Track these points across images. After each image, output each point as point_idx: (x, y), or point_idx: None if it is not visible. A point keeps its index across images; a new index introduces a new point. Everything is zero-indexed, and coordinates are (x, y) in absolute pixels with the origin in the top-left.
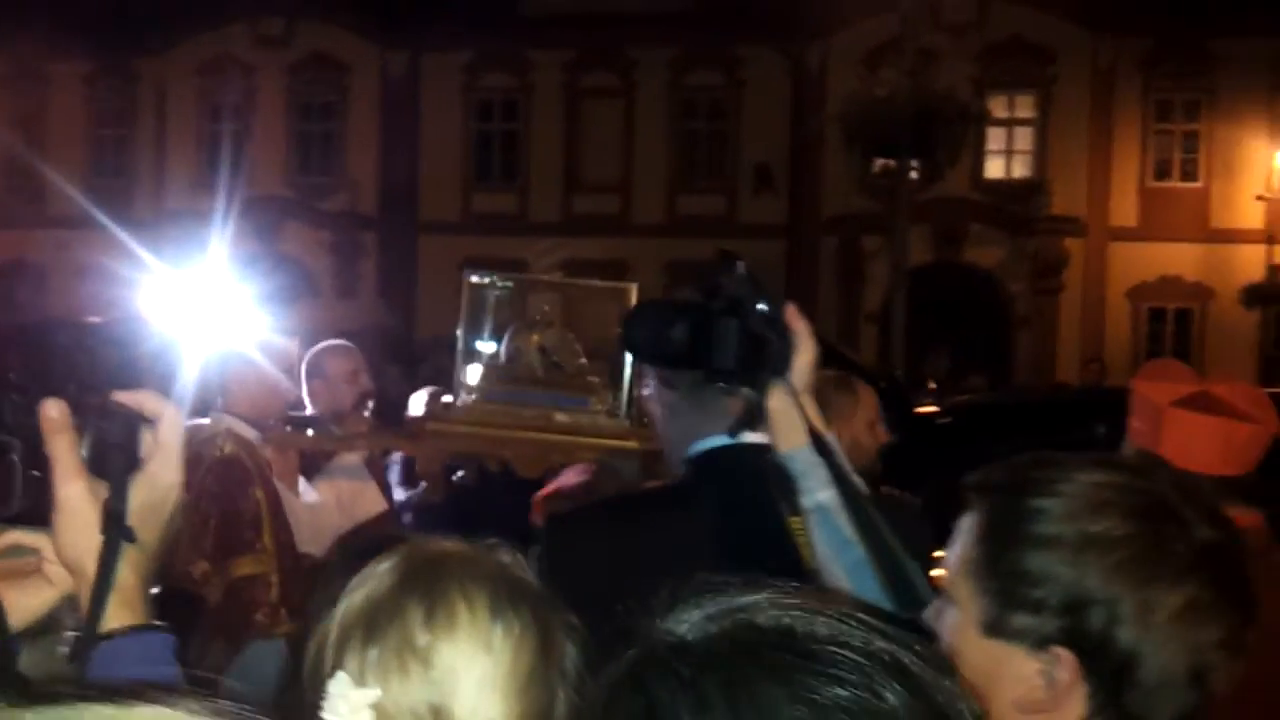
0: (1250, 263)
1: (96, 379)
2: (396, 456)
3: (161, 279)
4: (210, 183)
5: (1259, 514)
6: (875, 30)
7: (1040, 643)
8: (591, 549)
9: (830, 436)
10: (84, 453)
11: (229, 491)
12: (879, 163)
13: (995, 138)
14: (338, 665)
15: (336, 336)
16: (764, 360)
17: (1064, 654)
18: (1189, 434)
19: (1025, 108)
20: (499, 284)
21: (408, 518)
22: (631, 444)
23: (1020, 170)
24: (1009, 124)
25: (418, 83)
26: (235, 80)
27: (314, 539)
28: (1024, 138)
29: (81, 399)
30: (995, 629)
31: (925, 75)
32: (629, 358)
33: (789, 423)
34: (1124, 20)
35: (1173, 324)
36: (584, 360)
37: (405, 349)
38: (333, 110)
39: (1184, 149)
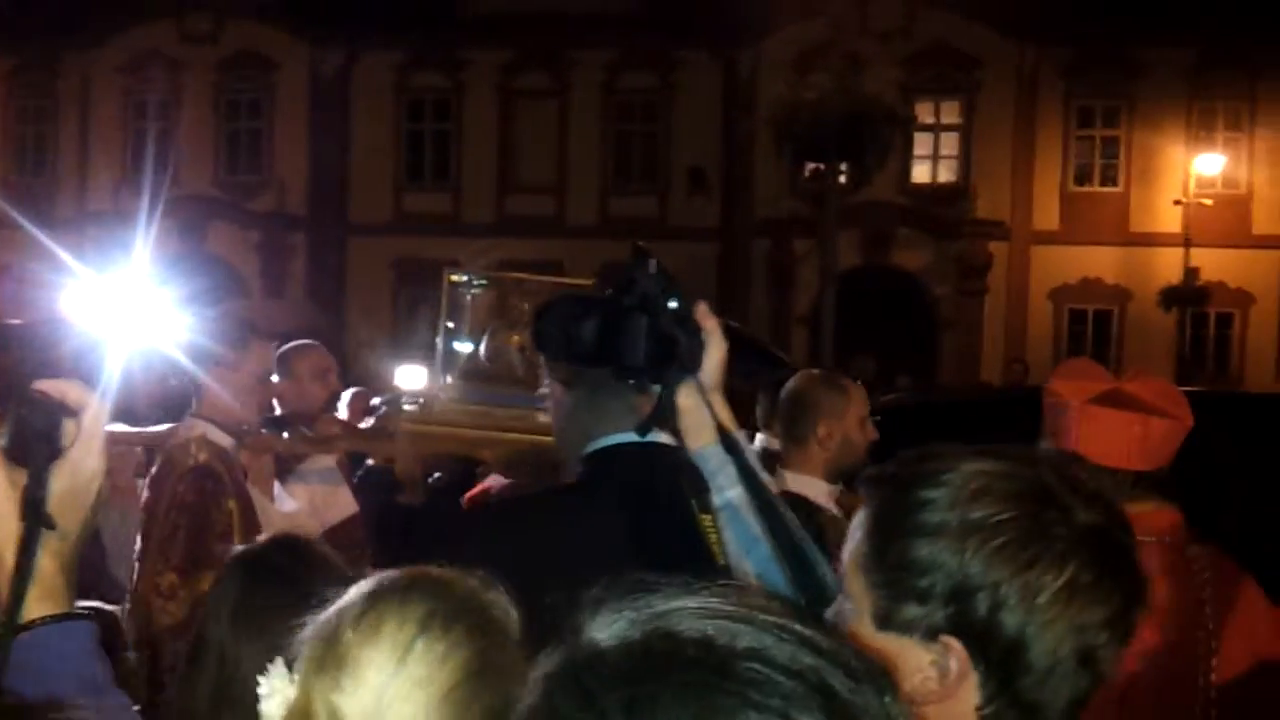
0: (1168, 266)
1: (15, 380)
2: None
3: (83, 280)
4: (134, 182)
5: (1176, 508)
6: (805, 35)
7: (930, 633)
8: (496, 550)
9: (739, 434)
10: (3, 441)
11: (201, 502)
12: (809, 166)
13: (922, 143)
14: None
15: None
16: (673, 358)
17: (953, 643)
18: (1105, 430)
19: (951, 113)
20: (476, 283)
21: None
22: None
23: (946, 175)
24: (935, 129)
25: (349, 81)
26: (161, 77)
27: None
28: (950, 143)
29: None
30: (887, 622)
31: (854, 80)
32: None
33: (698, 421)
34: (1047, 29)
35: (1093, 325)
36: None
37: (336, 350)
38: (261, 109)
39: (1104, 154)
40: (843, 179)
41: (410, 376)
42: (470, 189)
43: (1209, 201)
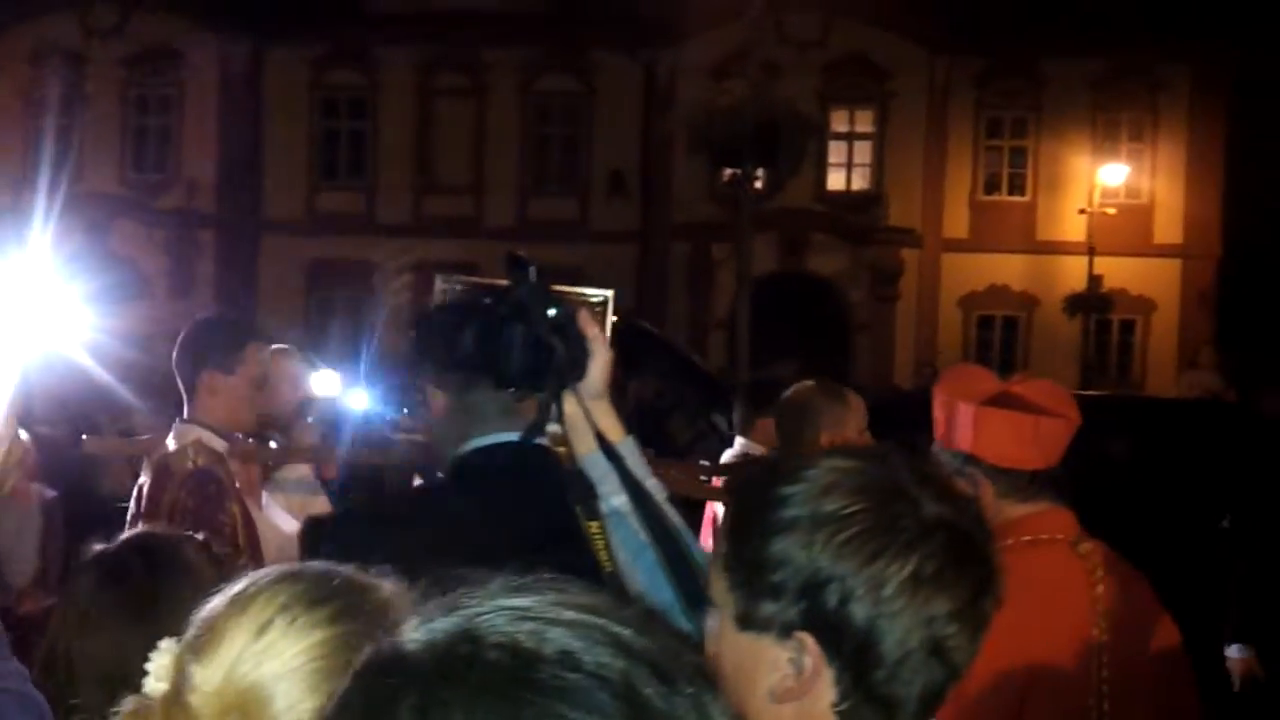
0: (1073, 273)
1: None
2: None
3: None
4: (35, 180)
5: (1069, 506)
6: (723, 41)
7: (785, 629)
8: (358, 552)
9: (626, 441)
10: None
11: (205, 508)
12: (726, 171)
13: (836, 151)
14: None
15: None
16: (549, 367)
17: (807, 638)
18: (999, 431)
19: (865, 122)
20: (465, 287)
21: None
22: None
23: (860, 183)
24: (849, 138)
25: (260, 77)
26: (62, 71)
27: (279, 557)
28: (863, 151)
29: None
30: (746, 621)
31: (770, 87)
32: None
33: (579, 429)
34: (959, 41)
35: (1001, 331)
36: None
37: None
38: (169, 104)
39: (1012, 164)
40: (759, 184)
41: (325, 383)
42: (386, 188)
43: (1112, 211)
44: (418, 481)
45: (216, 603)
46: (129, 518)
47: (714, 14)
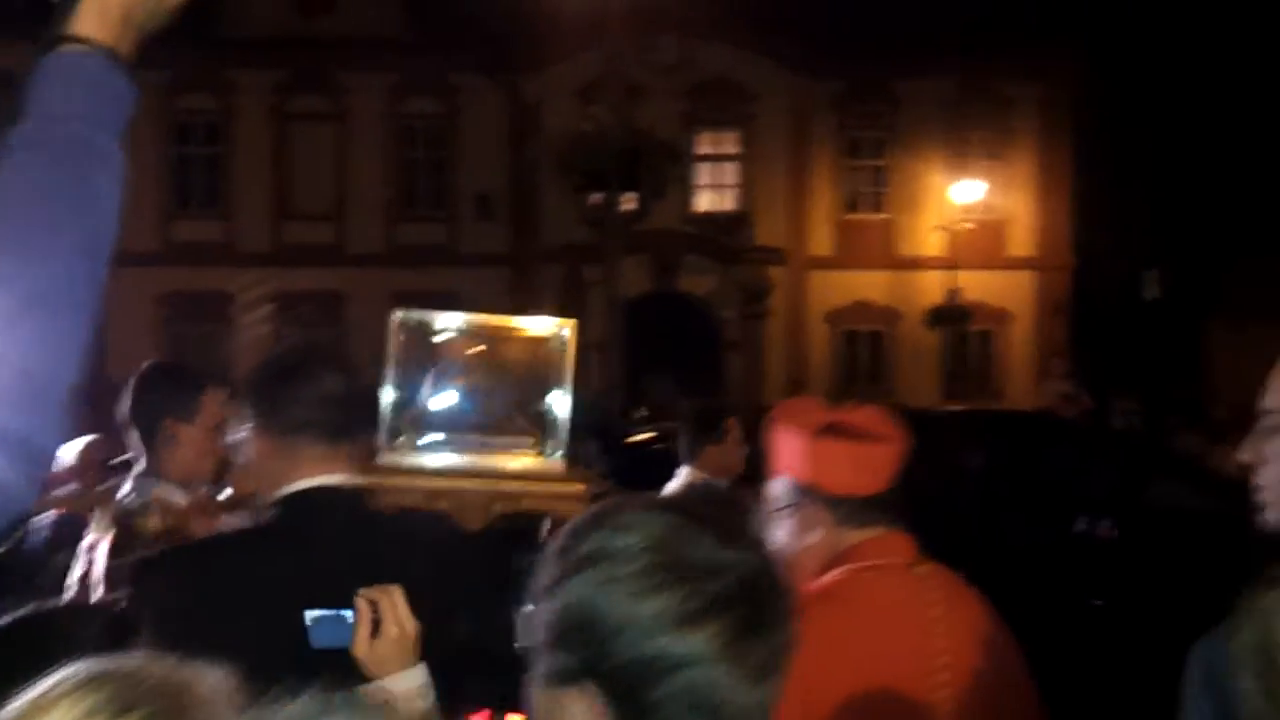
0: (932, 287)
1: None
2: None
3: None
4: None
5: (905, 530)
6: (588, 65)
7: (572, 678)
8: (178, 594)
9: None
10: None
11: None
12: (593, 195)
13: (704, 172)
14: None
15: None
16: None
17: (589, 686)
18: (833, 460)
19: (730, 144)
20: (423, 322)
21: None
22: (578, 487)
23: (728, 203)
24: (716, 159)
25: None
26: None
27: None
28: (730, 172)
29: None
30: (546, 677)
31: (635, 111)
32: (569, 398)
33: None
34: (817, 63)
35: (866, 345)
36: (514, 402)
37: (96, 391)
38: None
39: (872, 183)
40: (631, 207)
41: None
42: (243, 216)
43: (968, 226)
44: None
45: (14, 707)
46: (77, 578)
47: (577, 38)
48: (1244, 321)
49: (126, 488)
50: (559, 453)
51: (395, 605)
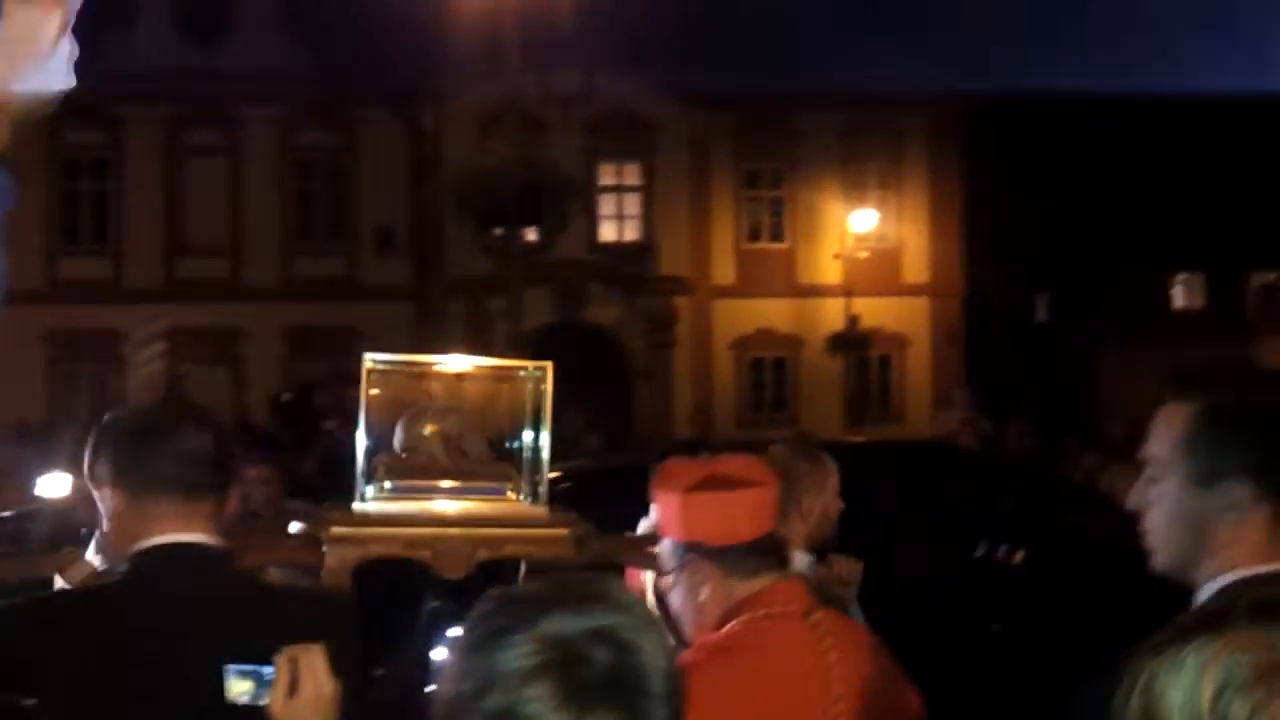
0: (832, 315)
1: None
2: None
3: None
4: None
5: (794, 576)
6: (488, 97)
7: None
8: (32, 647)
9: None
10: None
11: None
12: (495, 229)
13: (607, 203)
14: None
15: None
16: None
17: None
18: (706, 512)
19: (632, 175)
20: (394, 365)
21: None
22: (562, 531)
23: (631, 234)
24: (619, 190)
25: None
26: None
27: None
28: (633, 203)
29: None
30: None
31: (537, 144)
32: (547, 441)
33: None
34: (716, 96)
35: (771, 372)
36: (487, 446)
37: None
38: None
39: (772, 213)
40: (533, 239)
41: (53, 485)
42: (133, 252)
43: (865, 254)
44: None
45: None
46: None
47: (477, 71)
48: (1132, 341)
49: (91, 552)
50: (539, 497)
51: (315, 665)
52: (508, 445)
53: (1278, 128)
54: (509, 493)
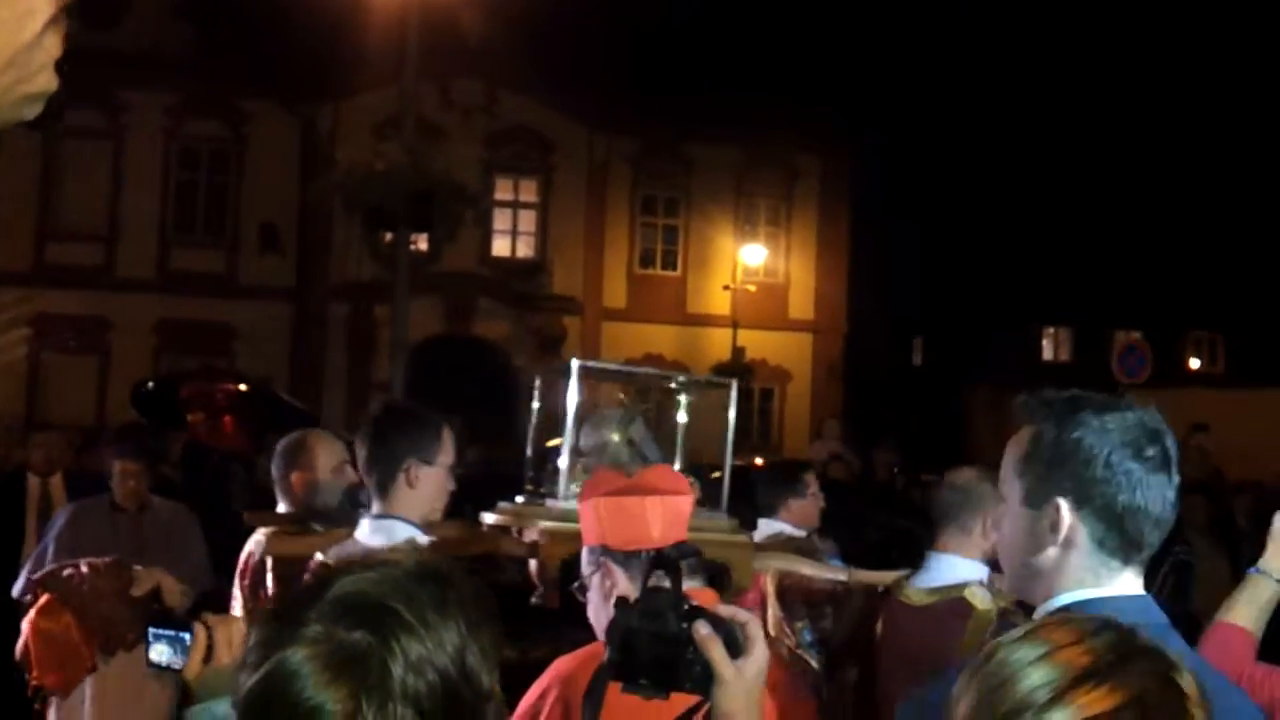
0: (719, 344)
1: None
2: None
3: None
4: None
5: (712, 588)
6: (387, 100)
7: None
8: None
9: None
10: None
11: None
12: (387, 234)
13: (502, 217)
14: None
15: None
16: None
17: None
18: (620, 517)
19: (529, 192)
20: (599, 371)
21: None
22: (742, 538)
23: (524, 250)
24: (514, 206)
25: None
26: None
27: None
28: (528, 220)
29: None
30: None
31: (433, 152)
32: (730, 454)
33: None
34: (616, 121)
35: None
36: (672, 454)
37: None
38: None
39: (665, 241)
40: (423, 247)
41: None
42: (2, 234)
43: (753, 288)
44: None
45: None
46: None
47: (375, 73)
48: (1001, 388)
49: (365, 529)
50: (720, 503)
51: (233, 635)
52: (692, 455)
53: (1152, 197)
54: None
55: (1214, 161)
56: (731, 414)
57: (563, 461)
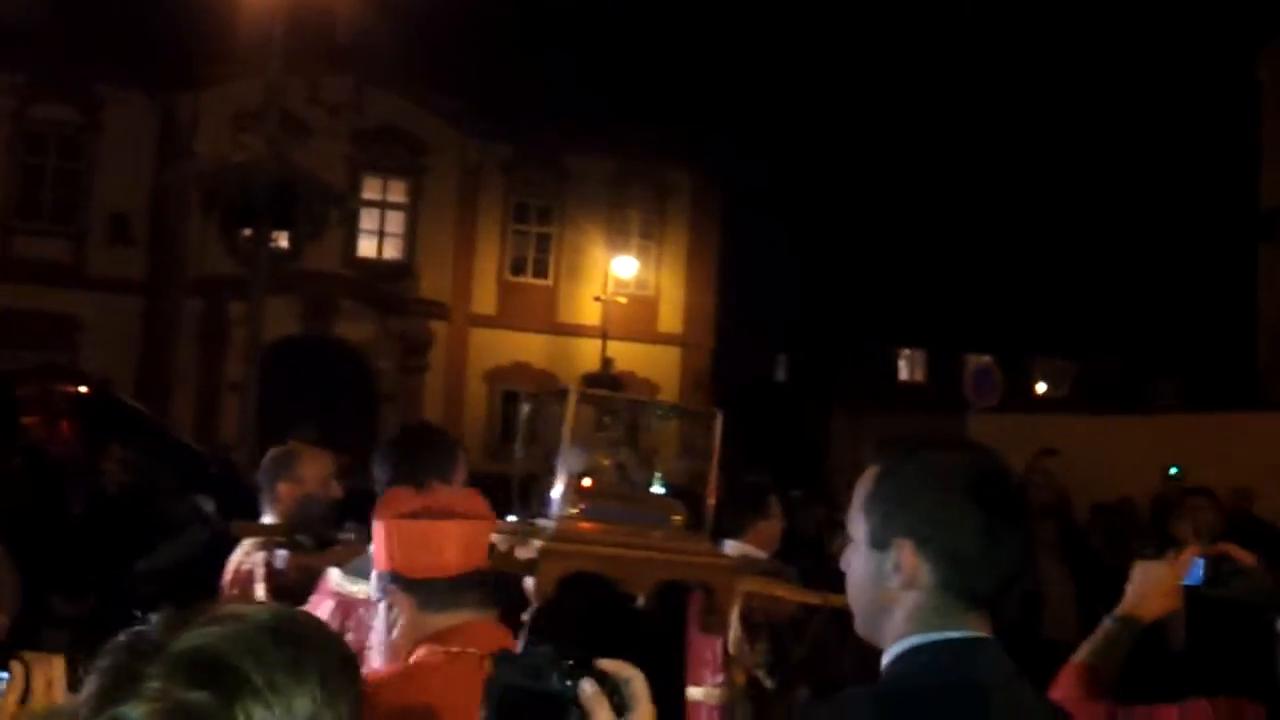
0: (588, 354)
1: None
2: None
3: None
4: None
5: (496, 616)
6: (250, 92)
7: None
8: None
9: None
10: None
11: None
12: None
13: (368, 218)
14: None
15: None
16: None
17: None
18: (413, 542)
19: (398, 193)
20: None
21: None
22: (729, 559)
23: (391, 252)
24: (382, 206)
25: None
26: None
27: None
28: (396, 221)
29: None
30: None
31: (298, 148)
32: (714, 477)
33: None
34: (490, 126)
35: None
36: (658, 477)
37: None
38: None
39: (537, 249)
40: (284, 245)
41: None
42: None
43: (624, 300)
44: None
45: None
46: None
47: (239, 64)
48: (859, 406)
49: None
50: (702, 527)
51: (52, 675)
52: (678, 478)
53: (1006, 227)
54: (675, 522)
55: (1065, 197)
56: (717, 440)
57: (559, 480)
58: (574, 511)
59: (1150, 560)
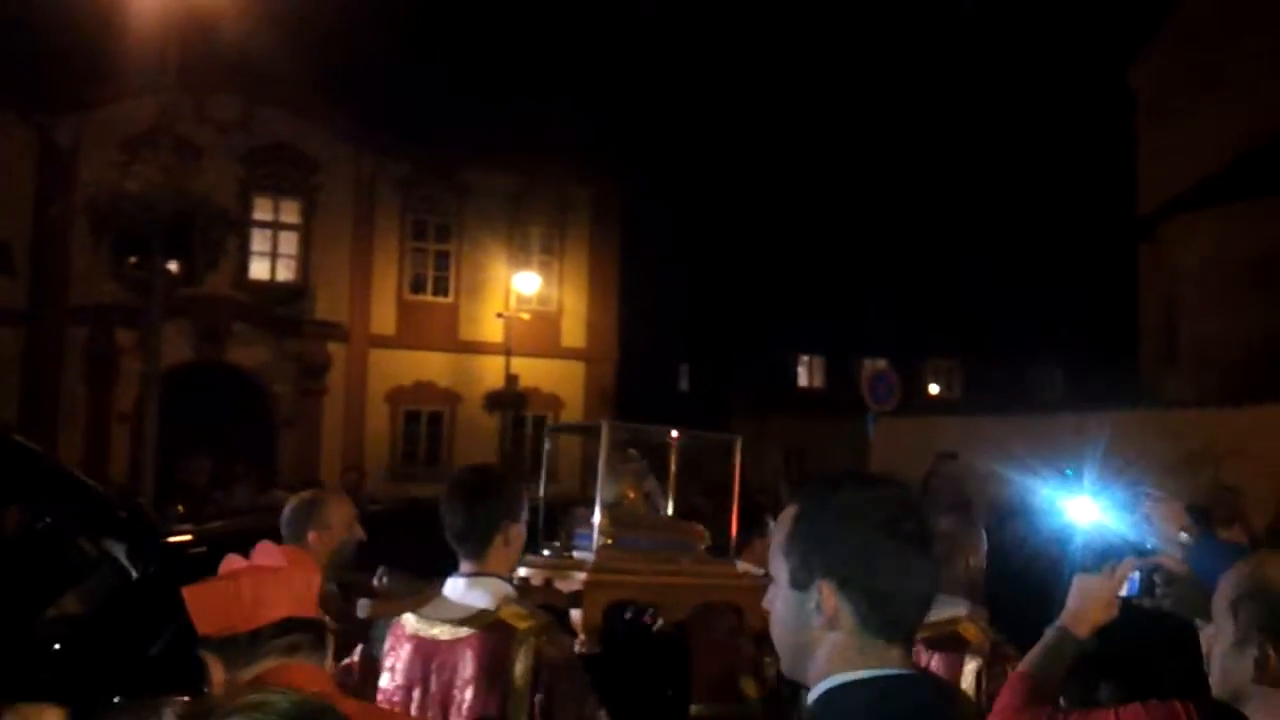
0: (491, 372)
1: None
2: None
3: None
4: None
5: (318, 661)
6: (135, 114)
7: None
8: None
9: None
10: None
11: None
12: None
13: (260, 239)
14: None
15: None
16: None
17: None
18: (207, 604)
19: (291, 213)
20: (627, 430)
21: None
22: (752, 581)
23: (285, 273)
24: (274, 227)
25: None
26: None
27: None
28: (289, 242)
29: None
30: None
31: (188, 170)
32: (735, 503)
33: None
34: (385, 142)
35: (427, 425)
36: (685, 506)
37: None
38: None
39: (437, 267)
40: (174, 269)
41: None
42: None
43: (526, 316)
44: None
45: None
46: (392, 686)
47: (126, 84)
48: (761, 412)
49: (459, 588)
50: (729, 553)
51: None
52: (701, 505)
53: (897, 235)
54: (699, 548)
55: (953, 201)
56: (737, 464)
57: (596, 512)
58: (609, 542)
59: (1089, 573)
